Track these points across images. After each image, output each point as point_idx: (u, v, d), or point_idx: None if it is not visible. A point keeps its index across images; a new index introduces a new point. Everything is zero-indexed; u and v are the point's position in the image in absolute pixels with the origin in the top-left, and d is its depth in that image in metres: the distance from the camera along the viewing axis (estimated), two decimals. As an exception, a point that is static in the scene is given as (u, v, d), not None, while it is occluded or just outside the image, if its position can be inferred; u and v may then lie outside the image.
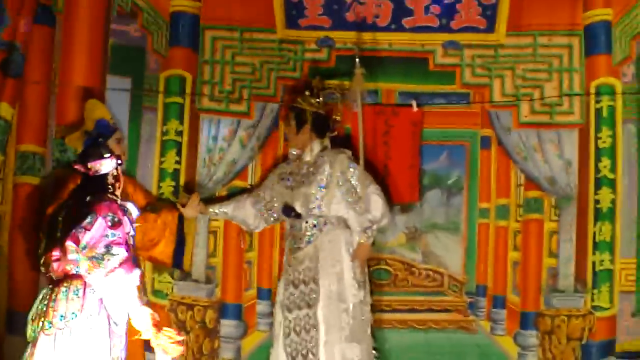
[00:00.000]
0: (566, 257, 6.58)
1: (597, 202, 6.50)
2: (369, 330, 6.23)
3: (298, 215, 6.19)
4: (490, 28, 6.63)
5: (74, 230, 4.43)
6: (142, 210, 6.08)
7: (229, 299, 6.63)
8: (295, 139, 6.27)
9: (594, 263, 6.48)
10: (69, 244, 4.43)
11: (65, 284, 4.54)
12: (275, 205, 6.28)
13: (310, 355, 6.05)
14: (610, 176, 6.49)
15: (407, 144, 6.65)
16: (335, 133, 6.36)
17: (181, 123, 6.55)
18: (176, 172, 6.54)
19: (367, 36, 6.62)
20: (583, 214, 6.55)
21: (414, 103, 6.64)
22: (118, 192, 4.78)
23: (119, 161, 4.66)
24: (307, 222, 6.18)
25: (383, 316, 6.63)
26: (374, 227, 6.19)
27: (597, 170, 6.50)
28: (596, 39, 6.54)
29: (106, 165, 4.62)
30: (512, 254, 6.65)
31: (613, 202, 6.48)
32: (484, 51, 6.64)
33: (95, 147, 4.77)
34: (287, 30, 6.66)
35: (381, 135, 6.65)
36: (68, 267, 4.55)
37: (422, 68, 6.68)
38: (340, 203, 6.20)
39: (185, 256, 6.31)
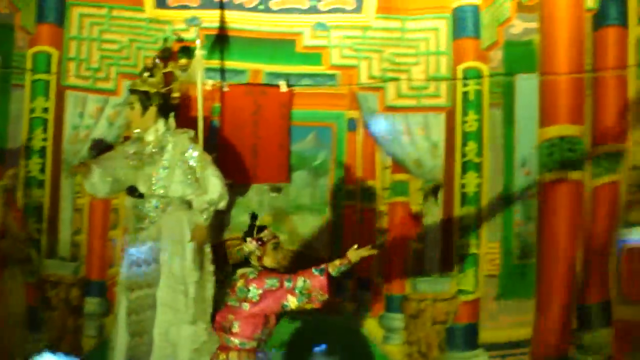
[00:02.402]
0: (432, 241, 6.56)
1: (463, 186, 6.50)
2: (208, 311, 6.18)
3: (141, 196, 6.14)
4: (359, 9, 6.63)
5: None
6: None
7: (93, 276, 6.60)
8: (141, 121, 6.17)
9: (459, 247, 6.47)
10: None
11: None
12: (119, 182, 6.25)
13: (146, 335, 6.03)
14: (476, 160, 6.51)
15: (275, 124, 6.66)
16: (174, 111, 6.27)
17: (47, 100, 6.53)
18: (43, 149, 6.52)
19: (234, 16, 6.61)
20: (449, 197, 6.55)
21: (282, 83, 6.63)
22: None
23: (260, 243, 5.16)
24: (150, 202, 6.13)
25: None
26: (211, 208, 6.12)
27: (463, 154, 6.51)
28: (464, 23, 6.57)
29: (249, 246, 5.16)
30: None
31: (479, 186, 6.49)
32: (352, 32, 6.64)
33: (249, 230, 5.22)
34: (155, 9, 6.65)
35: (250, 115, 6.65)
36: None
37: (290, 49, 6.68)
38: (182, 183, 6.14)
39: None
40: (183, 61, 6.25)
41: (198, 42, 6.28)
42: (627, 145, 6.16)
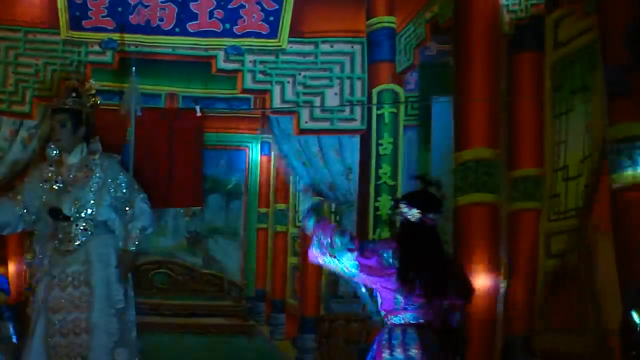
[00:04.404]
0: (346, 263, 6.54)
1: (376, 208, 6.49)
2: (134, 334, 6.23)
3: (66, 218, 6.16)
4: (273, 34, 6.62)
5: None
6: None
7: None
8: (69, 141, 6.18)
9: (372, 270, 6.46)
10: None
11: None
12: (36, 205, 6.24)
13: (80, 359, 6.06)
14: (390, 183, 6.51)
15: (190, 148, 6.66)
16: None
17: (-40, 122, 6.56)
18: (-44, 172, 6.55)
19: (150, 39, 6.61)
20: (363, 220, 6.54)
21: (197, 107, 6.63)
22: None
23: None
24: (76, 225, 6.14)
25: (163, 320, 6.63)
26: (141, 235, 6.16)
27: (378, 177, 6.50)
28: (380, 46, 6.56)
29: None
30: (291, 259, 6.64)
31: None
32: (265, 56, 6.64)
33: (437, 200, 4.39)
34: (71, 31, 6.64)
35: (164, 140, 6.65)
36: None
37: (205, 72, 6.68)
38: (110, 208, 6.16)
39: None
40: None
41: (133, 70, 6.31)
42: (544, 172, 6.10)
